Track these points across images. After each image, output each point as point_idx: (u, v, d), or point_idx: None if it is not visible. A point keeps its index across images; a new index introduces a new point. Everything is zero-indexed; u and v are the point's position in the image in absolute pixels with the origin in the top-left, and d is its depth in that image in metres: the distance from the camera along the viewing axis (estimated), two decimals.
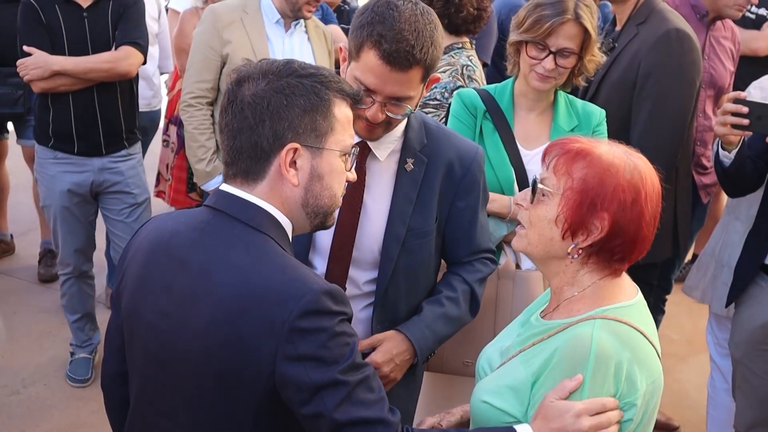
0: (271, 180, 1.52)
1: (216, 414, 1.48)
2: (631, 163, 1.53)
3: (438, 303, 2.07)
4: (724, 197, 3.71)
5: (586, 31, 2.35)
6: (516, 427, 1.47)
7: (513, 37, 2.43)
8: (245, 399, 1.45)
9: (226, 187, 1.55)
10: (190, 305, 1.48)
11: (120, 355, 1.66)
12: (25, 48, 3.36)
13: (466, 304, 2.11)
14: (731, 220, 3.04)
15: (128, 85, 3.56)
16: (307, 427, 1.47)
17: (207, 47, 3.28)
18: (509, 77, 2.55)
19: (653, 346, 1.54)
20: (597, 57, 2.43)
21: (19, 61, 3.39)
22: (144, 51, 3.50)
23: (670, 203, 3.06)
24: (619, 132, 2.91)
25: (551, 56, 2.35)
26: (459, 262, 2.16)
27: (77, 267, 3.70)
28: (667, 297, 3.81)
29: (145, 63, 3.56)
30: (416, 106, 1.96)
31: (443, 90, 2.86)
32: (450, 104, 2.76)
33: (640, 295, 1.62)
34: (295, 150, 1.50)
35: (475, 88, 2.56)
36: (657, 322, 3.74)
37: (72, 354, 3.84)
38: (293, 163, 1.51)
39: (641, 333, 1.51)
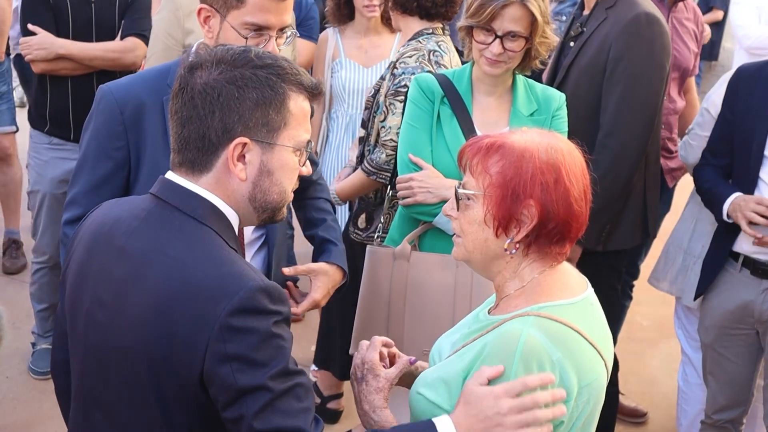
0: (217, 172, 1.48)
1: (148, 409, 1.44)
2: (545, 143, 1.50)
3: (333, 228, 2.34)
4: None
5: (533, 13, 2.32)
6: (435, 420, 1.43)
7: (461, 22, 2.42)
8: (176, 395, 1.42)
9: (170, 175, 1.52)
10: (125, 295, 1.45)
11: (66, 343, 1.63)
12: (30, 26, 3.32)
13: (334, 215, 2.43)
14: (702, 210, 3.02)
15: (128, 74, 3.50)
16: (228, 428, 1.42)
17: (167, 36, 3.20)
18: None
19: (594, 347, 1.49)
20: (550, 39, 2.40)
21: (22, 39, 3.36)
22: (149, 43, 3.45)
23: (639, 189, 3.06)
24: (588, 117, 2.89)
25: (498, 40, 2.34)
26: (311, 182, 2.36)
27: (53, 257, 3.63)
28: (635, 282, 3.79)
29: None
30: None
31: (411, 75, 2.82)
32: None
33: (588, 292, 1.57)
34: (244, 144, 1.46)
35: (432, 73, 2.53)
36: (624, 308, 3.74)
37: (33, 345, 3.78)
38: (242, 158, 1.47)
39: (579, 333, 1.47)
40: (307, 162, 1.59)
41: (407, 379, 1.66)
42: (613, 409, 3.22)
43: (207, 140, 1.46)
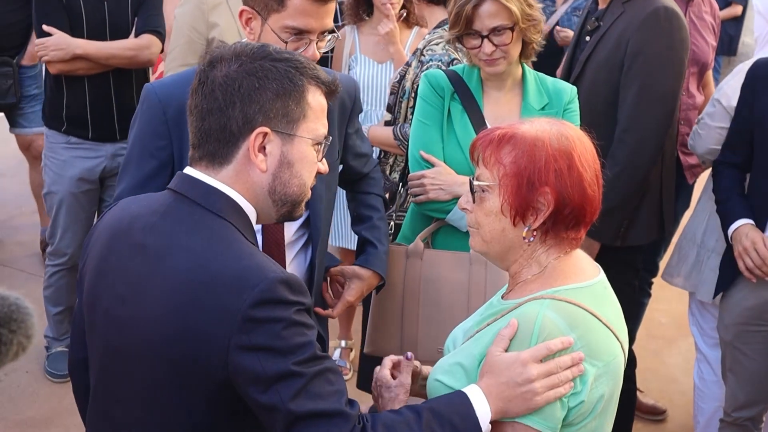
0: (237, 164, 1.49)
1: (168, 405, 1.45)
2: (556, 131, 1.53)
3: (378, 228, 2.36)
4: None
5: (505, 4, 2.31)
6: (465, 390, 1.46)
7: (446, 36, 2.44)
8: (198, 390, 1.42)
9: (189, 171, 1.53)
10: (144, 291, 1.46)
11: (84, 341, 1.64)
12: (45, 28, 3.32)
13: (384, 212, 2.43)
14: (714, 204, 2.98)
15: (143, 70, 3.53)
16: (263, 419, 1.43)
17: (191, 29, 3.17)
18: None
19: (609, 328, 1.51)
20: (537, 19, 2.39)
21: (38, 41, 3.36)
22: (163, 39, 3.46)
23: (655, 185, 3.03)
24: (605, 112, 2.87)
25: (486, 40, 2.34)
26: (362, 176, 2.39)
27: (72, 258, 3.60)
28: (653, 280, 3.76)
29: (162, 51, 3.50)
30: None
31: (438, 62, 2.85)
32: None
33: (601, 276, 1.60)
34: (265, 134, 1.47)
35: (443, 69, 2.54)
36: (643, 306, 3.71)
37: (47, 348, 3.76)
38: (262, 149, 1.48)
39: (593, 315, 1.49)
40: (324, 159, 1.59)
41: (418, 389, 1.71)
42: (631, 406, 3.21)
43: (228, 131, 1.47)
